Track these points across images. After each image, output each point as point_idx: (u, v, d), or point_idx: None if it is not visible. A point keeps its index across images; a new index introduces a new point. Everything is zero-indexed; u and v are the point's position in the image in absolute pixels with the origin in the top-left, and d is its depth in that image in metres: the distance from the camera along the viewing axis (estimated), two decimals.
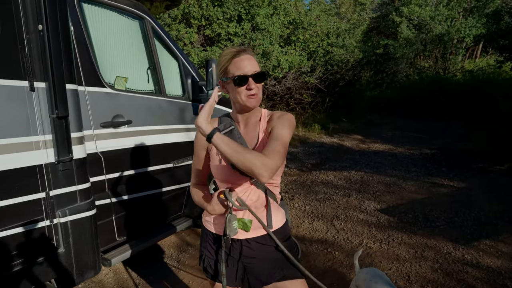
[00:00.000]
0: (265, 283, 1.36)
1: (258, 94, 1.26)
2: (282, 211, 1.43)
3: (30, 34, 1.64)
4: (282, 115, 1.30)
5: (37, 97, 1.68)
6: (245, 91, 1.24)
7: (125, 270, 2.82)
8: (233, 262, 1.38)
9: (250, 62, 1.24)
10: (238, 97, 1.25)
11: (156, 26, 2.66)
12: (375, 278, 1.78)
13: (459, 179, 4.86)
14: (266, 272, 1.35)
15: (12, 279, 1.64)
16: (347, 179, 5.07)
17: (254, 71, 1.23)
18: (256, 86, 1.24)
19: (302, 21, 8.75)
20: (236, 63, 1.24)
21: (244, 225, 1.31)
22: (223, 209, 1.28)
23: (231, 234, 1.28)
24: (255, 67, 1.25)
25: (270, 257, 1.35)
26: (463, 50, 13.59)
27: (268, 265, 1.35)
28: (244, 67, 1.23)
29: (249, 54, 1.26)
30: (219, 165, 1.31)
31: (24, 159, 1.66)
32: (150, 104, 2.55)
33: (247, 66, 1.23)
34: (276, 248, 1.33)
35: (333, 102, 10.54)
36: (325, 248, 3.08)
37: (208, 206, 1.30)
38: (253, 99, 1.25)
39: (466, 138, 7.32)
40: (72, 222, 1.85)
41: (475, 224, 3.45)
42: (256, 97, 1.25)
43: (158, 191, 2.64)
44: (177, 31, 7.69)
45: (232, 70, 1.24)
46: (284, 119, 1.28)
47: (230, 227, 1.27)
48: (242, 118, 1.35)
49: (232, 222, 1.27)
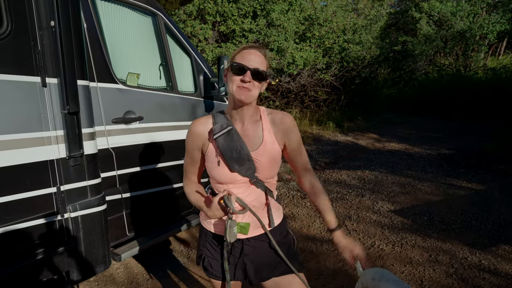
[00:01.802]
0: (265, 278, 1.38)
1: (251, 90, 1.21)
2: (280, 208, 1.46)
3: (43, 30, 1.65)
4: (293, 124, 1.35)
5: (49, 92, 1.69)
6: (238, 81, 1.21)
7: (135, 265, 2.86)
8: (234, 260, 1.38)
9: (257, 58, 1.22)
10: (231, 86, 1.23)
11: (168, 22, 2.66)
12: (384, 277, 1.74)
13: (478, 181, 4.70)
14: (266, 268, 1.37)
15: (23, 272, 1.68)
16: (360, 179, 4.98)
17: (255, 67, 1.21)
18: (252, 82, 1.21)
19: (318, 17, 8.63)
20: (244, 53, 1.23)
21: (242, 229, 1.30)
22: (223, 213, 1.27)
23: (231, 239, 1.26)
24: (260, 65, 1.22)
25: (270, 253, 1.37)
26: (485, 47, 13.14)
27: (269, 261, 1.37)
28: (248, 60, 1.21)
29: (260, 51, 1.24)
30: (217, 167, 1.28)
31: (37, 154, 1.68)
32: (161, 101, 2.56)
33: (252, 60, 1.21)
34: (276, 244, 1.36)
35: (348, 100, 10.37)
36: (336, 249, 3.03)
37: (208, 212, 1.29)
38: (243, 91, 1.21)
39: (487, 139, 7.07)
40: (82, 217, 1.87)
41: (494, 228, 3.33)
42: (247, 91, 1.21)
43: (169, 187, 2.65)
44: (192, 27, 7.72)
45: (237, 58, 1.24)
46: (296, 128, 1.36)
47: (231, 233, 1.25)
48: (237, 115, 1.30)
49: (232, 228, 1.26)
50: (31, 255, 1.72)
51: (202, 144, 1.32)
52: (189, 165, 1.39)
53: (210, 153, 1.30)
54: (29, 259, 1.70)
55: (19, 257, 1.68)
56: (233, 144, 1.26)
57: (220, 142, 1.26)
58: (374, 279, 1.76)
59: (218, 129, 1.26)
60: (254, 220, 1.32)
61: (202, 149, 1.33)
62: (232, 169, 1.26)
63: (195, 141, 1.32)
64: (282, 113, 1.36)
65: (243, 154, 1.26)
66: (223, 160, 1.27)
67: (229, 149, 1.26)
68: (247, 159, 1.27)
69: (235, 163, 1.26)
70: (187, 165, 1.40)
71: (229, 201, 1.23)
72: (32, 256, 1.71)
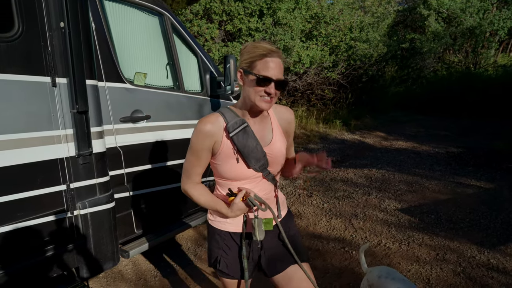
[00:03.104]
0: (279, 270, 1.40)
1: (273, 100, 1.25)
2: (284, 199, 1.53)
3: (53, 31, 1.68)
4: (293, 117, 1.46)
5: (59, 92, 1.73)
6: (261, 92, 1.21)
7: (143, 262, 2.89)
8: (252, 257, 1.41)
9: (279, 68, 1.22)
10: (252, 95, 1.23)
11: (175, 22, 2.68)
12: (390, 275, 1.74)
13: (487, 180, 4.64)
14: (280, 259, 1.41)
15: (34, 268, 1.72)
16: (367, 177, 4.96)
17: (279, 78, 1.21)
18: (275, 92, 1.22)
19: (324, 15, 8.59)
20: (267, 62, 1.20)
21: (267, 224, 1.33)
22: (244, 212, 1.31)
23: (261, 237, 1.29)
24: (281, 74, 1.23)
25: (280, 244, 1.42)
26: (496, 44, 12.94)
27: (283, 251, 1.41)
28: (272, 69, 1.20)
29: (281, 59, 1.24)
30: (237, 165, 1.29)
31: (47, 152, 1.72)
32: (168, 100, 2.58)
33: (276, 70, 1.21)
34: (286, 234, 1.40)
35: (355, 98, 10.31)
36: (342, 247, 3.04)
37: (230, 212, 1.32)
38: (267, 103, 1.23)
39: (497, 137, 6.98)
40: (91, 214, 1.91)
41: (503, 227, 3.29)
42: (271, 102, 1.24)
43: (176, 185, 2.68)
44: (198, 26, 7.75)
45: (259, 66, 1.20)
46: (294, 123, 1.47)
47: (260, 231, 1.28)
48: (250, 113, 1.32)
49: (260, 226, 1.29)
50: (42, 251, 1.76)
51: (213, 143, 1.28)
52: (195, 166, 1.32)
53: (225, 152, 1.28)
54: (40, 255, 1.74)
55: (30, 253, 1.72)
56: (250, 140, 1.27)
57: (237, 140, 1.26)
58: (380, 276, 1.77)
59: (234, 127, 1.26)
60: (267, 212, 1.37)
61: (213, 149, 1.30)
62: (250, 166, 1.28)
63: (205, 140, 1.27)
64: (285, 107, 1.43)
65: (260, 150, 1.29)
66: (241, 157, 1.28)
67: (247, 146, 1.27)
68: (263, 155, 1.30)
69: (252, 159, 1.28)
70: (192, 166, 1.33)
71: (253, 201, 1.27)
72: (43, 252, 1.75)
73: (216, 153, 1.30)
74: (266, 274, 1.43)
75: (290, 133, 1.44)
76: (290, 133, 1.44)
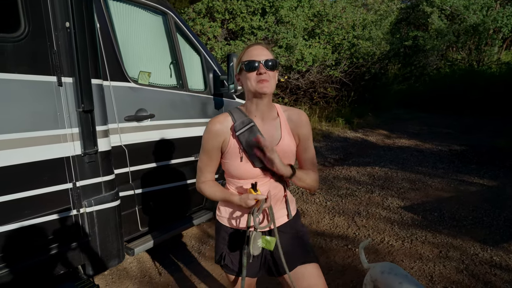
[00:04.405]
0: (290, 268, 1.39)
1: (270, 81, 1.25)
2: (294, 200, 1.52)
3: (58, 31, 1.70)
4: (307, 121, 1.41)
5: (65, 91, 1.75)
6: (255, 76, 1.24)
7: (148, 259, 2.92)
8: (259, 255, 1.40)
9: (261, 51, 1.26)
10: (249, 84, 1.26)
11: (178, 21, 2.70)
12: (393, 271, 1.76)
13: (490, 177, 4.64)
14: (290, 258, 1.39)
15: (40, 265, 1.74)
16: (370, 175, 4.97)
17: (265, 58, 1.25)
18: (267, 73, 1.24)
19: (327, 13, 8.57)
20: (249, 51, 1.28)
21: (267, 243, 1.30)
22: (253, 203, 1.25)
23: (255, 252, 1.27)
24: (267, 55, 1.26)
25: (290, 243, 1.41)
26: (499, 41, 12.85)
27: (291, 251, 1.40)
28: (255, 55, 1.25)
29: (262, 45, 1.29)
30: (241, 163, 1.30)
31: (53, 151, 1.74)
32: (172, 98, 2.60)
33: (259, 54, 1.25)
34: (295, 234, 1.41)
35: (358, 96, 10.29)
36: (345, 245, 3.05)
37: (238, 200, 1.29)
38: (264, 84, 1.24)
39: (500, 135, 6.95)
40: (97, 212, 1.93)
41: (506, 225, 3.29)
42: (267, 82, 1.24)
43: (180, 183, 2.70)
44: (201, 25, 7.75)
45: (244, 57, 1.28)
46: (309, 125, 1.42)
47: (255, 246, 1.25)
48: (257, 112, 1.33)
49: (257, 240, 1.26)
50: (48, 248, 1.78)
51: (222, 142, 1.32)
52: (207, 165, 1.38)
53: (232, 150, 1.31)
54: (47, 252, 1.77)
55: (37, 250, 1.74)
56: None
57: (243, 139, 1.28)
58: (383, 272, 1.78)
59: (241, 126, 1.28)
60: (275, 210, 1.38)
61: (221, 147, 1.33)
62: (254, 165, 1.29)
63: (214, 139, 1.32)
64: (298, 110, 1.41)
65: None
66: (246, 156, 1.29)
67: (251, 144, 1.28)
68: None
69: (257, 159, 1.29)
70: (205, 165, 1.39)
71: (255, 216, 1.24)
72: (49, 250, 1.78)
73: (224, 152, 1.34)
74: (273, 274, 1.44)
75: (300, 136, 1.39)
76: (300, 137, 1.39)
